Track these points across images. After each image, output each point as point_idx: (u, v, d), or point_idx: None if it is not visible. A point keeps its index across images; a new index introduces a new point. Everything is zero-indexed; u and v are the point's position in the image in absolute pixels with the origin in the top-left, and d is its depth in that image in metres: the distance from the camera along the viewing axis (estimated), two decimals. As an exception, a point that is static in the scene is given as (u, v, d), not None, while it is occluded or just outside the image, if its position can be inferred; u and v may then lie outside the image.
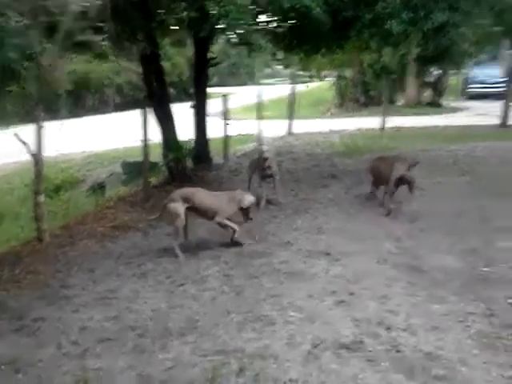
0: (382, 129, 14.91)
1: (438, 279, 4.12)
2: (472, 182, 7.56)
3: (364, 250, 4.74)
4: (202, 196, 5.19)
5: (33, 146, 5.69)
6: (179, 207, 5.03)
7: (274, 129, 15.92)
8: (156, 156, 9.63)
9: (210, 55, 9.95)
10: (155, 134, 8.89)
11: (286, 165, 9.92)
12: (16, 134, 5.54)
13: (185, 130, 9.97)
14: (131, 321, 3.68)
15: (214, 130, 11.47)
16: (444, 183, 7.54)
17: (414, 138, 12.57)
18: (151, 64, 8.50)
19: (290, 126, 15.39)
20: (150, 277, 4.58)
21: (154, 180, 8.32)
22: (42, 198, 5.91)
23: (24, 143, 5.60)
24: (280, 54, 12.86)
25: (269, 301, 3.77)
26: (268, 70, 62.01)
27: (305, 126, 16.80)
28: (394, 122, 15.34)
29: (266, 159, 6.55)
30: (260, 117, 13.14)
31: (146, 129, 7.48)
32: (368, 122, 17.44)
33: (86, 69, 29.90)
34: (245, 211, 5.16)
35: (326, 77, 29.04)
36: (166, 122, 8.61)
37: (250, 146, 12.96)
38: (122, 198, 8.33)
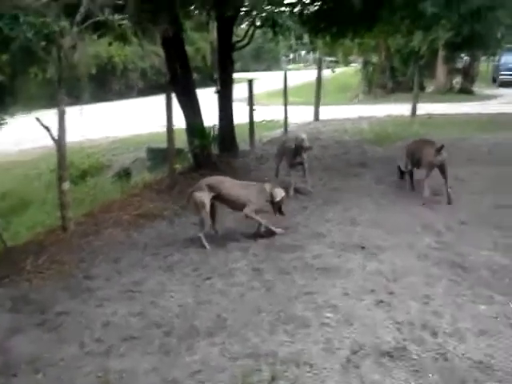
0: (413, 115, 14.45)
1: (483, 277, 3.82)
2: (508, 172, 7.16)
3: (402, 244, 4.46)
4: (230, 185, 4.97)
5: (56, 131, 5.53)
6: (205, 196, 4.84)
7: (300, 115, 15.60)
8: (181, 142, 9.47)
9: (234, 39, 9.66)
10: (180, 120, 8.72)
11: (314, 152, 9.54)
12: (38, 119, 5.39)
13: (210, 116, 9.77)
14: (157, 317, 3.50)
15: (239, 115, 11.23)
16: (481, 173, 7.16)
17: (446, 126, 12.11)
18: (174, 48, 8.26)
19: (316, 112, 15.02)
20: (176, 269, 4.40)
21: (179, 167, 8.11)
22: (66, 186, 5.76)
23: (46, 128, 5.45)
24: (305, 38, 12.47)
25: (302, 299, 3.54)
26: (292, 55, 61.43)
27: (332, 112, 16.40)
28: (424, 108, 14.85)
29: (307, 148, 6.39)
30: (286, 102, 12.79)
31: (170, 114, 7.27)
32: (396, 108, 16.93)
33: (110, 53, 29.90)
34: (276, 205, 4.93)
35: (351, 62, 28.47)
36: (191, 107, 8.39)
37: (277, 132, 12.70)
38: (148, 184, 8.18)
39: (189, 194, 5.03)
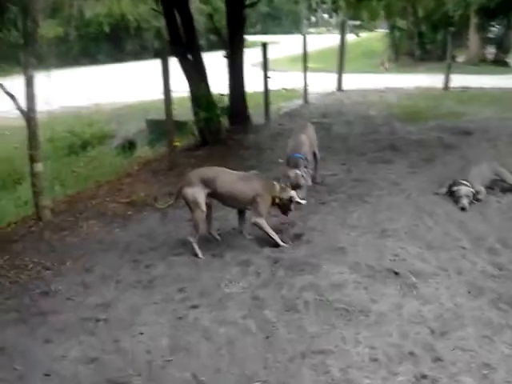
0: (446, 88, 13.13)
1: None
2: None
3: (447, 269, 3.44)
4: (228, 179, 3.99)
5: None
6: (198, 193, 3.86)
7: (321, 83, 14.35)
8: (188, 112, 8.45)
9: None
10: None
11: (337, 129, 8.54)
12: (1, 85, 4.43)
13: (221, 84, 8.69)
14: (113, 370, 2.58)
15: (255, 83, 10.10)
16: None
17: (484, 102, 10.81)
18: (176, 5, 7.16)
19: (339, 81, 13.75)
20: (157, 287, 3.47)
21: (180, 143, 7.11)
22: (39, 167, 4.83)
23: (12, 96, 4.49)
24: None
25: (310, 361, 2.53)
26: (314, 19, 58.93)
27: (355, 80, 15.09)
28: (456, 80, 13.49)
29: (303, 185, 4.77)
30: (305, 69, 11.59)
31: (167, 82, 6.22)
32: (426, 79, 15.55)
33: (123, 11, 28.49)
34: (283, 204, 3.97)
35: (376, 27, 26.73)
36: (196, 74, 7.35)
37: (296, 103, 11.55)
38: (147, 162, 7.25)
39: (178, 189, 4.05)
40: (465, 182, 4.75)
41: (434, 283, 3.20)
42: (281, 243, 3.94)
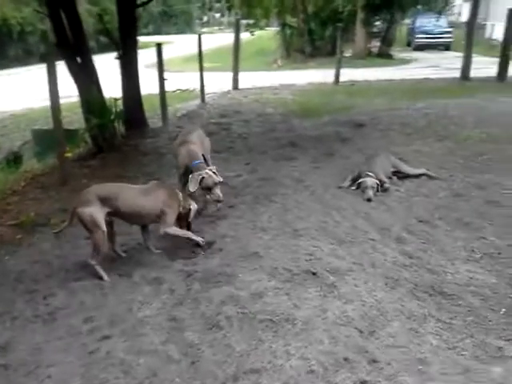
0: (336, 83, 13.66)
1: (475, 311, 2.92)
2: (455, 149, 6.45)
3: (362, 263, 3.46)
4: (129, 195, 3.66)
5: None
6: (96, 213, 3.50)
7: (217, 82, 14.27)
8: (81, 119, 7.87)
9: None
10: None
11: (236, 128, 8.46)
12: None
13: (115, 87, 8.23)
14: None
15: (151, 85, 9.71)
16: (423, 152, 6.38)
17: (373, 94, 11.39)
18: (62, 6, 6.64)
19: (235, 79, 13.74)
20: (59, 319, 3.10)
21: (71, 154, 6.59)
22: None
23: None
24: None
25: (244, 383, 2.36)
26: (206, 18, 58.85)
27: (250, 79, 15.21)
28: (345, 74, 14.10)
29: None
30: (202, 69, 11.40)
31: (54, 87, 5.70)
32: (317, 74, 16.12)
33: (4, 15, 26.44)
34: (184, 219, 3.79)
35: (267, 26, 27.29)
36: (85, 77, 6.85)
37: (193, 104, 11.32)
38: (35, 176, 6.62)
39: (72, 211, 3.65)
40: (370, 174, 4.87)
41: (351, 280, 3.18)
42: (200, 240, 3.78)
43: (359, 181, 4.90)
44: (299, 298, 2.92)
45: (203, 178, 4.05)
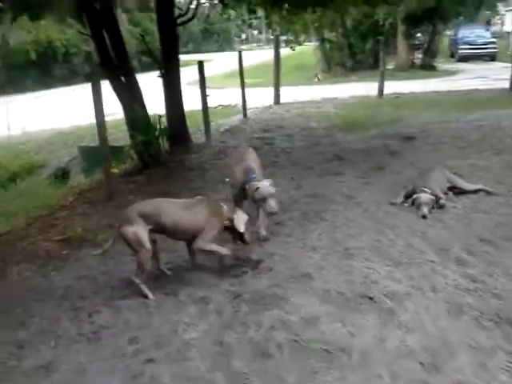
0: (380, 96, 13.37)
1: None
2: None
3: (421, 287, 3.22)
4: (171, 210, 3.56)
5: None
6: (140, 231, 3.41)
7: (258, 97, 14.24)
8: (126, 137, 7.95)
9: (176, 13, 8.17)
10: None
11: (279, 143, 8.34)
12: None
13: (158, 105, 8.29)
14: None
15: (193, 101, 9.75)
16: (480, 166, 6.04)
17: (420, 106, 11.05)
18: (105, 27, 6.76)
19: (276, 94, 13.67)
20: (104, 339, 3.01)
21: (117, 170, 6.63)
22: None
23: None
24: (259, 12, 11.08)
25: None
26: (244, 36, 59.63)
27: (291, 93, 15.14)
28: (389, 87, 13.80)
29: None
30: (243, 85, 11.37)
31: (100, 107, 5.75)
32: (359, 87, 15.88)
33: (49, 37, 27.56)
34: (237, 232, 3.63)
35: (305, 41, 27.25)
36: (130, 96, 6.92)
37: (235, 119, 11.30)
38: (83, 192, 6.68)
39: (116, 229, 3.59)
40: (425, 189, 4.62)
41: (411, 306, 2.95)
42: (227, 252, 3.65)
43: (414, 197, 4.64)
44: (355, 325, 2.72)
45: (258, 188, 3.92)
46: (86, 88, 5.71)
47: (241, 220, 3.60)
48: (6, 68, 27.19)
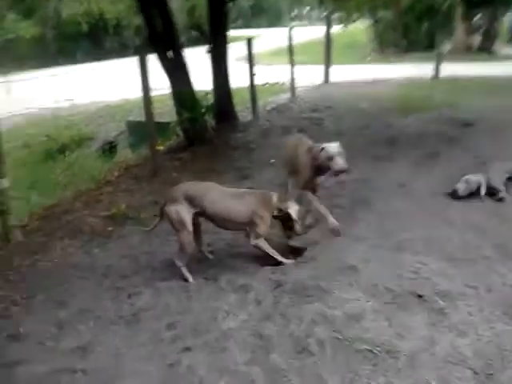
0: (436, 77, 12.74)
1: None
2: None
3: (475, 286, 2.99)
4: (218, 197, 3.45)
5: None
6: (183, 212, 3.35)
7: (307, 76, 13.89)
8: (173, 111, 7.91)
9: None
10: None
11: (328, 124, 8.08)
12: None
13: (205, 81, 8.19)
14: None
15: (240, 78, 9.59)
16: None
17: (478, 91, 10.43)
18: (153, 1, 6.66)
19: (326, 73, 13.30)
20: (142, 323, 2.98)
21: (163, 146, 6.60)
22: (3, 184, 4.29)
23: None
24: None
25: None
26: (296, 12, 58.48)
27: (342, 73, 14.67)
28: (445, 70, 13.12)
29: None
30: (292, 62, 11.06)
31: (146, 81, 5.70)
32: (414, 69, 15.17)
33: (101, 9, 27.87)
34: (286, 222, 3.49)
35: (357, 19, 26.39)
36: (177, 71, 6.84)
37: (283, 97, 11.06)
38: (128, 167, 6.71)
39: (161, 207, 3.54)
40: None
41: (464, 306, 2.75)
42: (286, 261, 3.48)
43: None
44: (403, 325, 2.54)
45: (323, 148, 3.65)
46: (135, 62, 5.66)
47: (294, 209, 3.46)
48: (57, 39, 27.72)
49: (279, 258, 3.47)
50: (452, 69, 14.26)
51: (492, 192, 4.45)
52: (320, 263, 3.32)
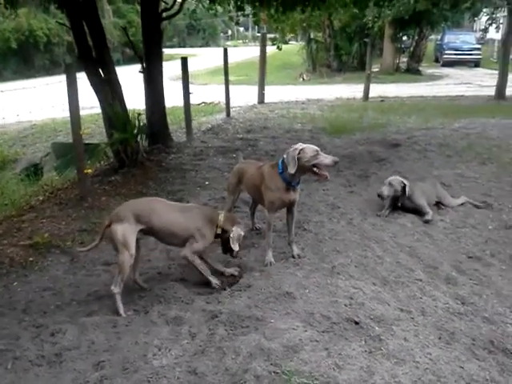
0: (365, 99, 13.23)
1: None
2: (500, 174, 5.97)
3: (409, 309, 3.01)
4: (165, 211, 3.36)
5: None
6: (129, 233, 3.19)
7: (242, 95, 14.02)
8: (103, 131, 7.61)
9: (162, 6, 7.87)
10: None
11: (263, 145, 8.10)
12: None
13: (140, 99, 7.98)
14: None
15: (176, 97, 9.44)
16: (466, 176, 5.91)
17: (405, 111, 10.94)
18: (85, 17, 6.43)
19: (261, 93, 13.44)
20: (66, 363, 2.74)
21: (91, 170, 6.30)
22: None
23: None
24: (247, 9, 10.79)
25: None
26: (230, 32, 59.22)
27: (276, 92, 14.95)
28: (374, 90, 13.69)
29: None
30: (227, 82, 11.07)
31: (74, 101, 5.43)
32: (345, 89, 15.79)
33: (32, 26, 26.92)
34: (226, 244, 3.40)
35: (290, 40, 27.08)
36: (108, 90, 6.59)
37: (218, 117, 11.02)
38: (55, 191, 6.34)
39: (104, 226, 3.33)
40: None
41: (400, 331, 2.74)
42: (215, 283, 3.41)
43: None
44: (341, 354, 2.49)
45: (302, 149, 3.46)
46: (64, 81, 5.40)
47: (236, 236, 3.39)
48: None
49: (209, 276, 3.40)
50: (381, 89, 14.94)
51: (418, 210, 4.61)
52: (255, 291, 3.21)
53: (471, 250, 4.00)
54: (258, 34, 19.42)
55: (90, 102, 8.47)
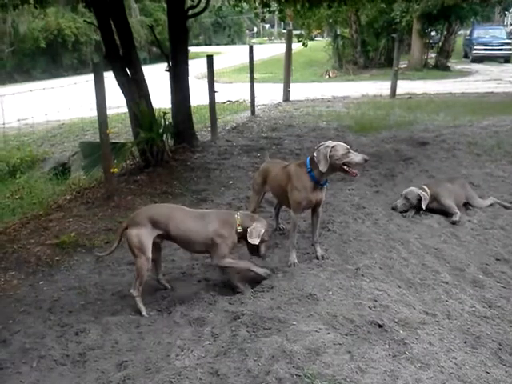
0: (392, 96, 13.03)
1: None
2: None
3: (434, 313, 2.95)
4: (182, 218, 3.33)
5: None
6: (145, 237, 3.20)
7: (267, 93, 13.97)
8: (129, 130, 7.68)
9: (188, 4, 7.90)
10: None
11: (288, 143, 8.06)
12: None
13: (166, 98, 8.03)
14: None
15: (200, 95, 9.47)
16: (495, 176, 5.75)
17: (433, 108, 10.72)
18: (112, 15, 6.50)
19: (286, 91, 13.38)
20: (90, 363, 2.78)
21: (117, 169, 6.37)
22: None
23: None
24: (273, 6, 10.75)
25: None
26: (256, 29, 59.15)
27: (301, 90, 14.85)
28: (401, 87, 13.46)
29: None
30: (252, 81, 11.04)
31: (102, 101, 5.49)
32: (371, 86, 15.56)
33: (60, 25, 27.44)
34: (251, 243, 3.37)
35: (316, 36, 26.88)
36: (135, 90, 6.64)
37: (243, 116, 11.02)
38: (82, 190, 6.44)
39: (121, 229, 3.36)
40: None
41: (424, 335, 2.68)
42: (263, 272, 3.42)
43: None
44: (364, 358, 2.45)
45: (333, 146, 3.46)
46: (91, 80, 5.47)
47: (256, 231, 3.31)
48: (14, 55, 27.10)
49: (254, 267, 3.39)
50: (409, 86, 14.70)
51: (445, 211, 4.51)
52: (278, 292, 3.20)
53: (499, 251, 3.90)
54: (284, 31, 19.36)
55: (116, 101, 8.57)
